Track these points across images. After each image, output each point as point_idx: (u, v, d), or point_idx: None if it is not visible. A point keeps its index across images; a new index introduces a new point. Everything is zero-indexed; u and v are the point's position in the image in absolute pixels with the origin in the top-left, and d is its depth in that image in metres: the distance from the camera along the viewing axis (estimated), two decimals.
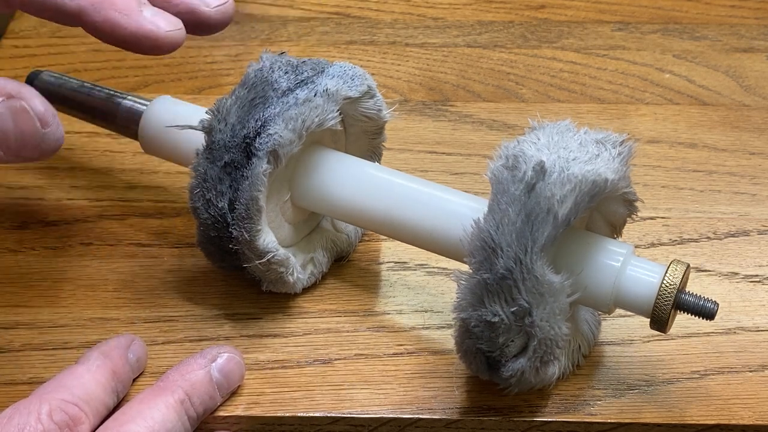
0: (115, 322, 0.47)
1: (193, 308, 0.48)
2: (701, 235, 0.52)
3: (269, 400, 0.44)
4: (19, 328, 0.47)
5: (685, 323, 0.46)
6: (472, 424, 0.44)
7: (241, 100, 0.44)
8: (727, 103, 0.61)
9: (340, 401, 0.44)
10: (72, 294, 0.49)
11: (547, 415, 0.44)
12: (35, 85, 0.53)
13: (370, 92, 0.47)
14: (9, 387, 0.44)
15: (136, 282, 0.49)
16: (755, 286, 0.49)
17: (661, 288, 0.41)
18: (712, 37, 0.66)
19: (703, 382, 0.45)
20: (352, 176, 0.46)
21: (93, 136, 0.57)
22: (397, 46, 0.65)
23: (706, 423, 0.43)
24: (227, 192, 0.44)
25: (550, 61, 0.64)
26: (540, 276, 0.39)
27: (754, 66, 0.64)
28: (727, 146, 0.58)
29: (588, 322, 0.46)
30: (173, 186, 0.54)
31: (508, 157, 0.41)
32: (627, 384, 0.45)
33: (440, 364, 0.45)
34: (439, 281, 0.49)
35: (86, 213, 0.53)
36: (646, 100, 0.61)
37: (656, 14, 0.68)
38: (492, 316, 0.39)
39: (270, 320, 0.48)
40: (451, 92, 0.62)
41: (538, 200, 0.39)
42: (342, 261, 0.50)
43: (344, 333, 0.47)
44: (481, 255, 0.39)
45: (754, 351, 0.46)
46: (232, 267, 0.47)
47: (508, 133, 0.58)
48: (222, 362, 0.43)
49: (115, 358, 0.43)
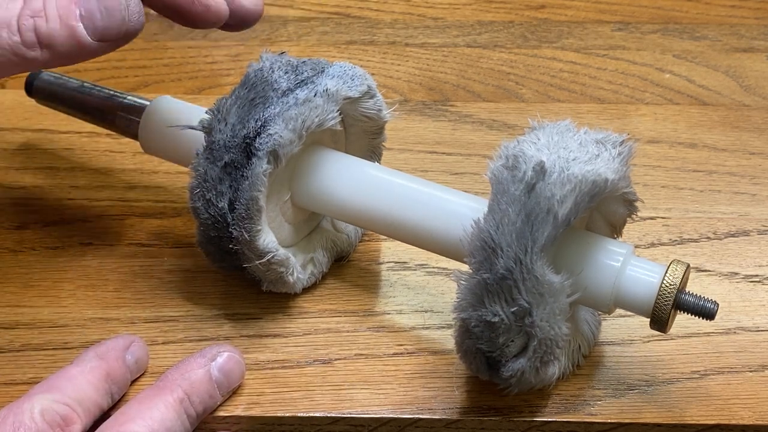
0: (115, 322, 0.47)
1: (193, 308, 0.48)
2: (701, 235, 0.52)
3: (269, 400, 0.44)
4: (19, 328, 0.47)
5: (685, 323, 0.46)
6: (472, 424, 0.44)
7: (241, 100, 0.44)
8: (727, 103, 0.61)
9: (340, 401, 0.44)
10: (72, 294, 0.49)
11: (547, 415, 0.44)
12: (35, 86, 0.53)
13: (370, 92, 0.47)
14: (9, 387, 0.44)
15: (136, 282, 0.49)
16: (755, 286, 0.49)
17: (661, 288, 0.41)
18: (712, 37, 0.66)
19: (703, 382, 0.45)
20: (352, 176, 0.46)
21: (93, 136, 0.57)
22: (397, 46, 0.65)
23: (706, 423, 0.43)
24: (227, 192, 0.44)
25: (550, 61, 0.64)
26: (540, 276, 0.39)
27: (754, 66, 0.64)
28: (727, 146, 0.58)
29: (588, 322, 0.46)
30: (173, 186, 0.54)
31: (508, 157, 0.41)
32: (627, 384, 0.45)
33: (440, 364, 0.45)
34: (439, 281, 0.49)
35: (86, 213, 0.53)
36: (646, 100, 0.61)
37: (656, 14, 0.68)
38: (492, 316, 0.39)
39: (270, 320, 0.48)
40: (451, 92, 0.62)
41: (538, 200, 0.39)
42: (342, 261, 0.50)
43: (344, 333, 0.47)
44: (481, 255, 0.39)
45: (754, 351, 0.46)
46: (232, 267, 0.47)
47: (508, 133, 0.58)
48: (222, 361, 0.43)
49: (110, 360, 0.43)
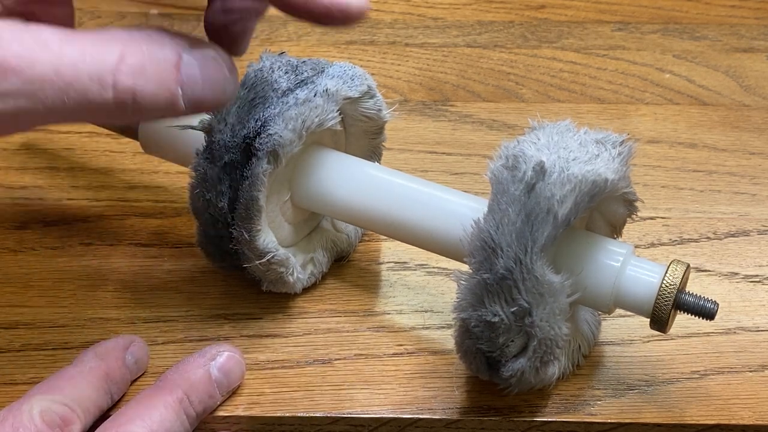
0: (115, 322, 0.47)
1: (193, 308, 0.48)
2: (701, 235, 0.52)
3: (269, 400, 0.44)
4: (19, 328, 0.47)
5: (685, 323, 0.46)
6: (472, 424, 0.44)
7: (241, 100, 0.44)
8: (727, 103, 0.61)
9: (340, 401, 0.44)
10: (72, 294, 0.49)
11: (547, 415, 0.44)
12: None
13: (370, 92, 0.47)
14: (9, 387, 0.44)
15: (136, 282, 0.49)
16: (755, 286, 0.49)
17: (661, 288, 0.41)
18: (712, 37, 0.66)
19: (703, 382, 0.45)
20: (352, 176, 0.46)
21: (93, 136, 0.57)
22: (397, 46, 0.65)
23: (706, 423, 0.43)
24: (227, 192, 0.44)
25: (550, 61, 0.64)
26: (540, 276, 0.39)
27: (754, 66, 0.64)
28: (727, 146, 0.58)
29: (588, 322, 0.46)
30: (173, 186, 0.54)
31: (508, 157, 0.41)
32: (627, 384, 0.45)
33: (440, 364, 0.45)
34: (439, 281, 0.49)
35: (86, 213, 0.53)
36: (646, 100, 0.61)
37: (656, 14, 0.68)
38: (492, 316, 0.39)
39: (270, 320, 0.48)
40: (451, 92, 0.62)
41: (538, 200, 0.39)
42: (342, 261, 0.50)
43: (344, 333, 0.47)
44: (481, 255, 0.39)
45: (754, 351, 0.46)
46: (232, 267, 0.47)
47: (508, 133, 0.58)
48: (221, 361, 0.43)
49: (109, 360, 0.43)
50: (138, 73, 0.33)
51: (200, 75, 0.35)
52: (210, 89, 0.35)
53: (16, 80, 0.32)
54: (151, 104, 0.34)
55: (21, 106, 0.32)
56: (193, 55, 0.35)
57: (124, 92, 0.33)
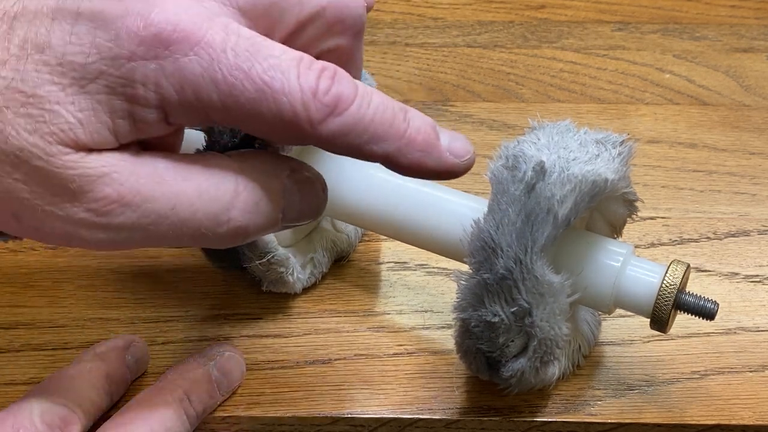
0: (115, 322, 0.47)
1: (193, 308, 0.48)
2: (701, 235, 0.52)
3: (269, 400, 0.44)
4: (19, 328, 0.47)
5: (685, 323, 0.46)
6: (472, 425, 0.44)
7: None
8: (727, 103, 0.61)
9: (340, 401, 0.44)
10: (72, 294, 0.49)
11: (547, 415, 0.44)
12: None
13: None
14: (9, 387, 0.44)
15: (136, 282, 0.49)
16: (755, 286, 0.49)
17: (661, 288, 0.41)
18: (712, 37, 0.66)
19: (703, 383, 0.45)
20: (353, 176, 0.46)
21: None
22: (397, 46, 0.65)
23: (706, 423, 0.43)
24: None
25: (550, 61, 0.64)
26: (540, 276, 0.39)
27: (754, 66, 0.64)
28: (727, 146, 0.58)
29: (588, 322, 0.46)
30: None
31: (508, 157, 0.41)
32: (627, 384, 0.45)
33: (440, 364, 0.45)
34: (439, 281, 0.49)
35: None
36: (646, 100, 0.61)
37: (656, 14, 0.68)
38: (492, 316, 0.39)
39: (270, 320, 0.48)
40: (451, 92, 0.62)
41: (538, 200, 0.39)
42: (342, 261, 0.50)
43: (344, 333, 0.47)
44: (481, 255, 0.39)
45: (754, 351, 0.46)
46: (232, 267, 0.47)
47: (508, 133, 0.58)
48: (221, 361, 0.43)
49: (109, 360, 0.43)
50: (251, 211, 0.35)
51: (299, 200, 0.36)
52: (307, 211, 0.37)
53: (132, 215, 0.32)
54: (256, 233, 0.35)
55: (135, 238, 0.33)
56: (294, 179, 0.36)
57: (236, 229, 0.35)
